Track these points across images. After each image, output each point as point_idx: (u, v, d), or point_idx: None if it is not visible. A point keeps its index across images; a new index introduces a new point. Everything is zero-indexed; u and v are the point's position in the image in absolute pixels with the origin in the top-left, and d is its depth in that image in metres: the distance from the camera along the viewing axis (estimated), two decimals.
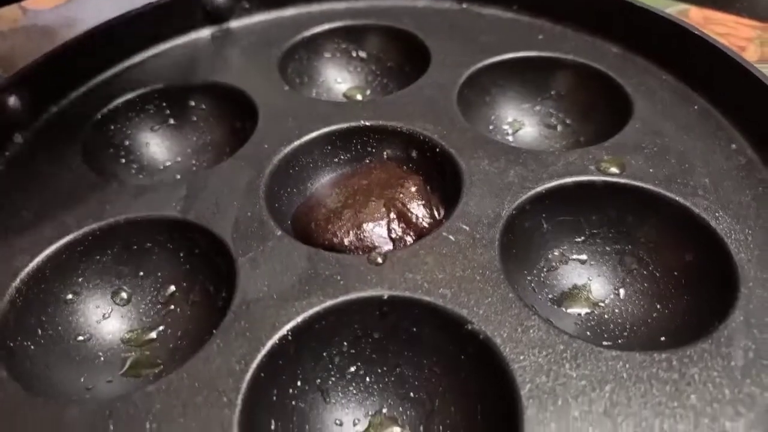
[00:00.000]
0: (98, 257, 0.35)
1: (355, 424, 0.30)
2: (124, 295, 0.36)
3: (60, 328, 0.33)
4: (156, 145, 0.45)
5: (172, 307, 0.36)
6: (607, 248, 0.36)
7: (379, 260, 0.32)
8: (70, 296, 0.34)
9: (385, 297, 0.30)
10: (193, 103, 0.45)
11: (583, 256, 0.36)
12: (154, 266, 0.36)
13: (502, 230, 0.33)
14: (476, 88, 0.45)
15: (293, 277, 0.32)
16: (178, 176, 0.43)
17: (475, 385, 0.29)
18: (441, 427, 0.30)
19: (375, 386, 0.31)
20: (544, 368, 0.27)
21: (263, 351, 0.28)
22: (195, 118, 0.45)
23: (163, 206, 0.36)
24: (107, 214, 0.36)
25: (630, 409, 0.26)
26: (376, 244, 0.35)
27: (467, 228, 0.34)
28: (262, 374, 0.28)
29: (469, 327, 0.29)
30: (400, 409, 0.31)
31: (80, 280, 0.35)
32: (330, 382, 0.31)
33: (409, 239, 0.35)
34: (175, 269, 0.36)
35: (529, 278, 0.35)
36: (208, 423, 0.26)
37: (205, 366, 0.28)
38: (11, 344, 0.31)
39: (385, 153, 0.41)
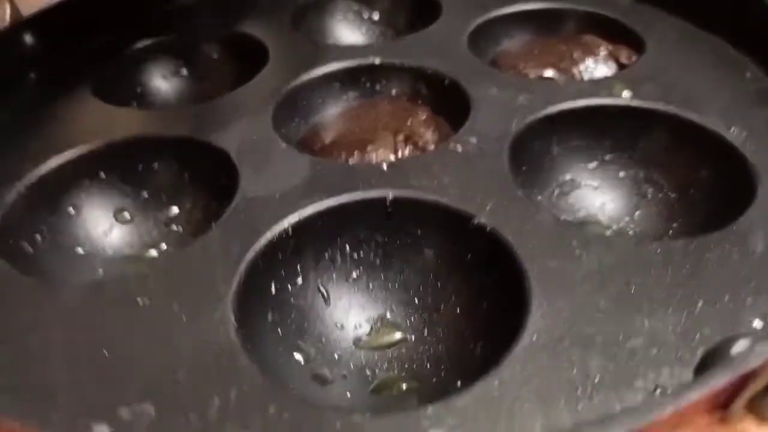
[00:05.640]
0: (103, 175, 0.35)
1: (356, 328, 0.29)
2: (126, 214, 0.35)
3: (60, 237, 0.33)
4: (167, 92, 0.45)
5: (174, 227, 0.35)
6: (621, 174, 0.35)
7: (384, 167, 0.32)
8: (71, 210, 0.34)
9: (390, 197, 0.30)
10: (206, 52, 0.46)
11: (596, 182, 0.35)
12: (158, 186, 0.36)
13: (511, 144, 0.33)
14: (486, 38, 0.45)
15: (296, 180, 0.31)
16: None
17: (481, 282, 0.28)
18: (445, 330, 0.28)
19: (379, 292, 0.30)
20: (550, 254, 0.26)
21: (262, 242, 0.28)
22: (208, 66, 0.46)
23: (171, 127, 0.36)
24: (114, 134, 0.36)
25: (644, 290, 0.25)
26: None
27: (475, 140, 0.33)
28: (260, 264, 0.27)
29: (476, 222, 0.28)
30: (404, 314, 0.29)
31: (83, 194, 0.35)
32: (331, 284, 0.30)
33: None
34: (178, 189, 0.35)
35: (539, 198, 0.34)
36: (201, 303, 0.25)
37: (203, 252, 0.28)
38: (11, 242, 0.31)
39: (393, 90, 0.41)
